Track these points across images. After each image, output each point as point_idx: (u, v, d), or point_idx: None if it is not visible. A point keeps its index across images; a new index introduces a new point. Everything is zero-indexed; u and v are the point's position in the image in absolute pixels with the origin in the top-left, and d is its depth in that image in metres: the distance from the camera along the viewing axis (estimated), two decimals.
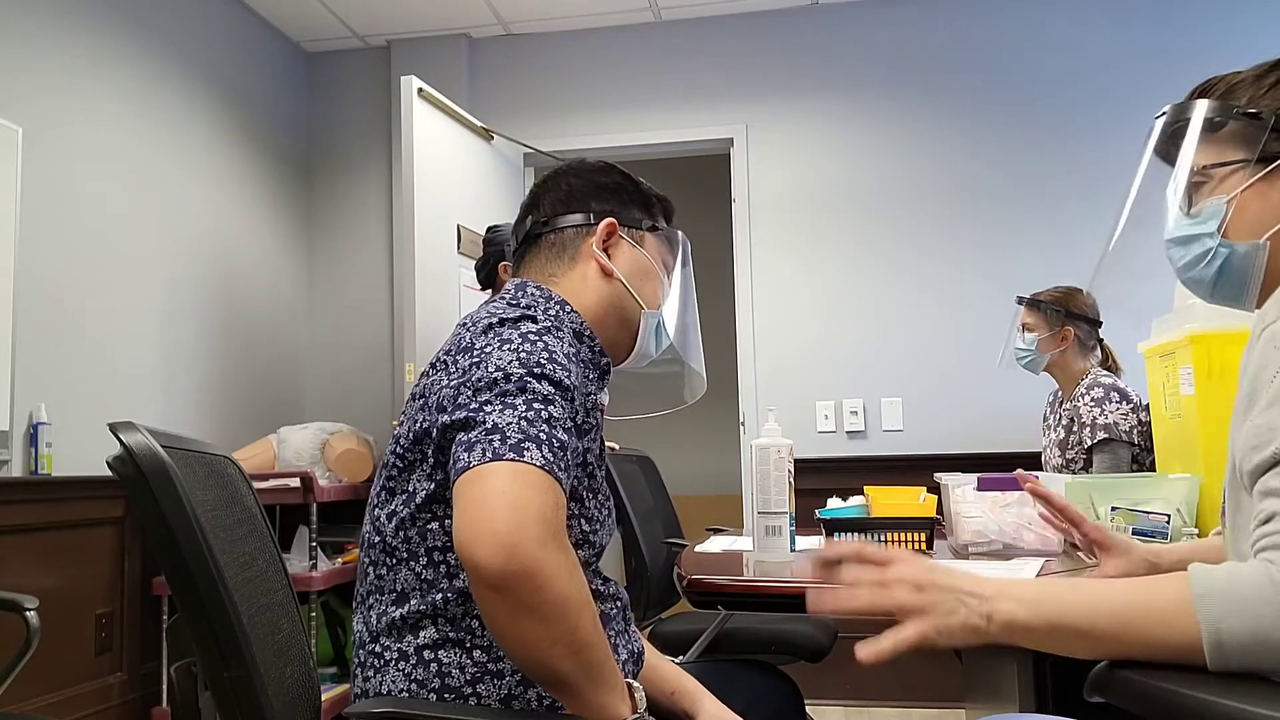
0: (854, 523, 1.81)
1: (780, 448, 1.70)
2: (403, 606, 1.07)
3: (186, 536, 0.93)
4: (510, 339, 1.06)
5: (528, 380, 1.01)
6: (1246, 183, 1.04)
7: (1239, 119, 1.04)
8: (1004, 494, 1.75)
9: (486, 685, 1.05)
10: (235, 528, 1.13)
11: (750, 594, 1.56)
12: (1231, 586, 0.81)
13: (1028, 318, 2.86)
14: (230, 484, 1.20)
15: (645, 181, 1.35)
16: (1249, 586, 0.80)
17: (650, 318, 1.29)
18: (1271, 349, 0.91)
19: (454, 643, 1.05)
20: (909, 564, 0.93)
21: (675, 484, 3.57)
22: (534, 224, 1.28)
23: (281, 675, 1.10)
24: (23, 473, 2.80)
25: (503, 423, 0.96)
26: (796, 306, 4.02)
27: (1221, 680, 0.80)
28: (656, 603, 2.70)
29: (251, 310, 3.96)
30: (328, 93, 4.43)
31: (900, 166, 4.00)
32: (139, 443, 0.94)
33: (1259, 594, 0.79)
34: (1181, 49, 3.81)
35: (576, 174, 1.31)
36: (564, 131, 4.18)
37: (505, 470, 0.93)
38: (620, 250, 1.27)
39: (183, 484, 0.95)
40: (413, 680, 1.05)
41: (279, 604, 1.20)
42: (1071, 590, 0.89)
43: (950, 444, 3.80)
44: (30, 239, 2.86)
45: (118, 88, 3.28)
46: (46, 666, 2.77)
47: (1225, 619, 0.80)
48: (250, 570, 1.12)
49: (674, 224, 1.39)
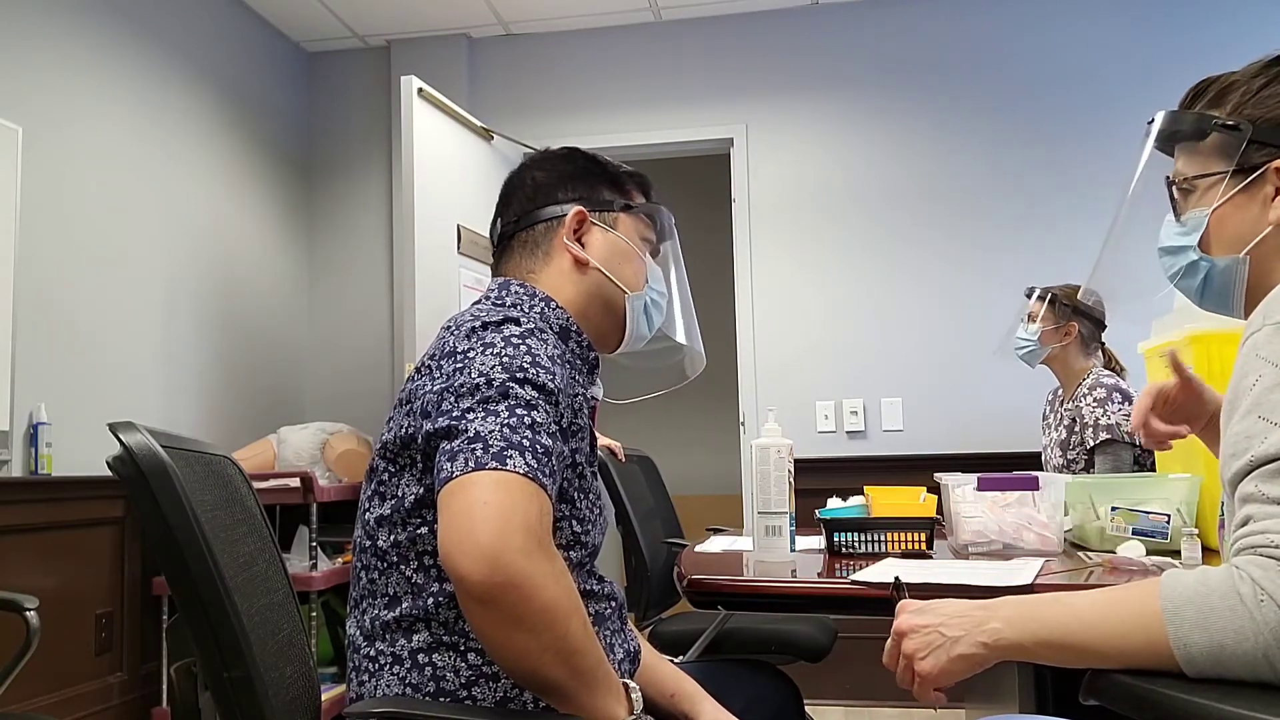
0: (854, 523, 1.81)
1: (780, 448, 1.70)
2: (395, 610, 1.07)
3: (187, 537, 0.92)
4: (493, 343, 1.05)
5: (510, 385, 1.00)
6: (1226, 196, 1.03)
7: (1219, 130, 1.03)
8: (1004, 494, 1.75)
9: (482, 688, 1.05)
10: (235, 528, 1.13)
11: (750, 594, 1.56)
12: (1197, 597, 0.82)
13: (1035, 308, 2.85)
14: (230, 484, 1.20)
15: (614, 160, 1.32)
16: (1215, 596, 0.81)
17: (636, 300, 1.27)
18: (1253, 357, 0.91)
19: (448, 646, 1.05)
20: (900, 620, 0.99)
21: (675, 484, 3.57)
22: (504, 225, 1.28)
23: (282, 675, 1.09)
24: (23, 473, 2.80)
25: (485, 431, 0.95)
26: (796, 306, 4.02)
27: (1219, 685, 0.80)
28: (656, 603, 2.70)
29: (251, 310, 3.96)
30: (328, 93, 4.43)
31: (900, 167, 4.00)
32: (139, 443, 0.94)
33: (1224, 603, 0.80)
34: (1181, 49, 3.81)
35: (540, 166, 1.29)
36: (564, 131, 4.17)
37: (488, 480, 0.92)
38: (593, 237, 1.26)
39: (183, 484, 0.95)
40: (407, 684, 1.05)
41: (279, 604, 1.19)
42: (1051, 605, 0.91)
43: (950, 444, 3.80)
44: (30, 239, 2.86)
45: (118, 88, 3.28)
46: (46, 666, 2.77)
47: (1192, 633, 0.81)
48: (250, 570, 1.12)
49: (672, 225, 1.37)
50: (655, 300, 1.31)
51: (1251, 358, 0.91)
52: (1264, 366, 0.88)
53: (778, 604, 1.62)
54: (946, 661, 0.94)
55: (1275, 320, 0.91)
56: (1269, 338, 0.90)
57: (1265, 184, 1.01)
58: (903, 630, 0.97)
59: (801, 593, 1.54)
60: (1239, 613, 0.79)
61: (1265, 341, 0.90)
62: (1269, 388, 0.87)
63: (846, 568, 1.60)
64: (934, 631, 0.95)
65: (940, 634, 0.95)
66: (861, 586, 1.43)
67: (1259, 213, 1.02)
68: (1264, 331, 0.91)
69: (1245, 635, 0.79)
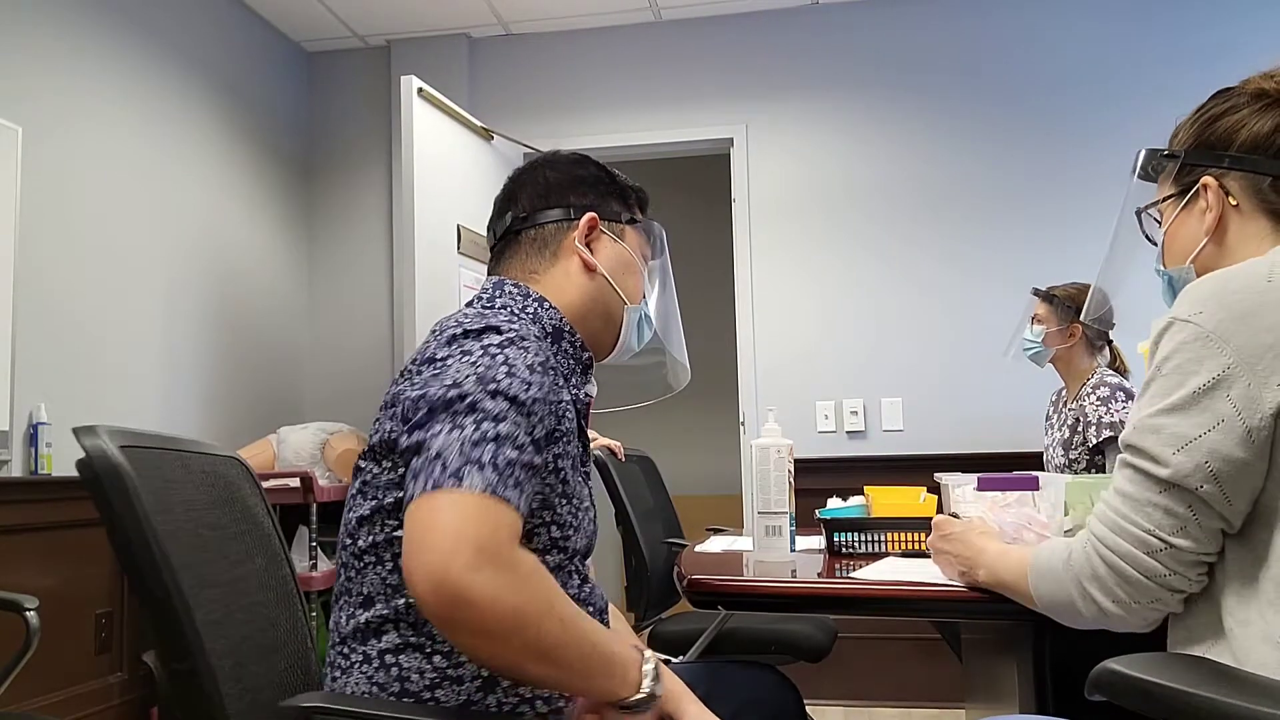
0: (854, 523, 1.81)
1: (780, 448, 1.70)
2: (368, 610, 1.08)
3: (136, 535, 0.98)
4: (471, 351, 1.05)
5: (479, 399, 1.00)
6: (1174, 214, 1.19)
7: (1163, 160, 1.20)
8: (1004, 494, 1.75)
9: (445, 690, 1.05)
10: (227, 526, 1.16)
11: (750, 594, 1.56)
12: (1041, 559, 1.13)
13: (1039, 310, 2.86)
14: (230, 485, 1.22)
15: (621, 173, 1.34)
16: (1054, 558, 1.10)
17: (633, 312, 1.28)
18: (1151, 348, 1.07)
19: (414, 647, 1.06)
20: (943, 538, 1.40)
21: (675, 484, 3.57)
22: (514, 220, 1.27)
23: (272, 669, 1.14)
24: (23, 473, 2.80)
25: (445, 448, 0.96)
26: (797, 306, 4.02)
27: (1230, 680, 0.83)
28: (656, 603, 2.70)
29: (251, 310, 3.96)
30: (328, 93, 4.43)
31: (900, 167, 4.00)
32: (93, 445, 0.99)
33: (1049, 568, 1.11)
34: (1181, 50, 3.81)
35: (553, 167, 1.30)
36: (564, 131, 4.18)
37: (442, 500, 0.93)
38: (602, 244, 1.26)
39: (137, 485, 0.99)
40: (374, 683, 1.06)
41: (276, 601, 1.21)
42: (1001, 557, 1.24)
43: (950, 444, 3.80)
44: (30, 239, 2.86)
45: (118, 88, 3.28)
46: (46, 666, 2.77)
47: (1038, 585, 1.13)
48: (243, 568, 1.15)
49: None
50: (649, 315, 1.33)
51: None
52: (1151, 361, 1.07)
53: (778, 604, 1.62)
54: (949, 574, 1.38)
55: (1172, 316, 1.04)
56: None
57: (1198, 199, 1.16)
58: (940, 547, 1.41)
59: (801, 593, 1.54)
60: (1059, 578, 1.09)
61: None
62: (1146, 382, 1.06)
63: (846, 568, 1.60)
64: (954, 557, 1.36)
65: (953, 559, 1.36)
66: (862, 586, 1.43)
67: (1196, 226, 1.16)
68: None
69: (1061, 581, 1.09)
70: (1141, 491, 1.01)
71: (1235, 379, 0.96)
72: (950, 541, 1.36)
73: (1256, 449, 0.95)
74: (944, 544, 1.38)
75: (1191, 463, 0.97)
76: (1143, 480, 1.01)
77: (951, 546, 1.36)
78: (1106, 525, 1.03)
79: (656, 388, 1.49)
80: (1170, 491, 0.98)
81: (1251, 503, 0.98)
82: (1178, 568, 0.99)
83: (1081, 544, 1.06)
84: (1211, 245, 1.14)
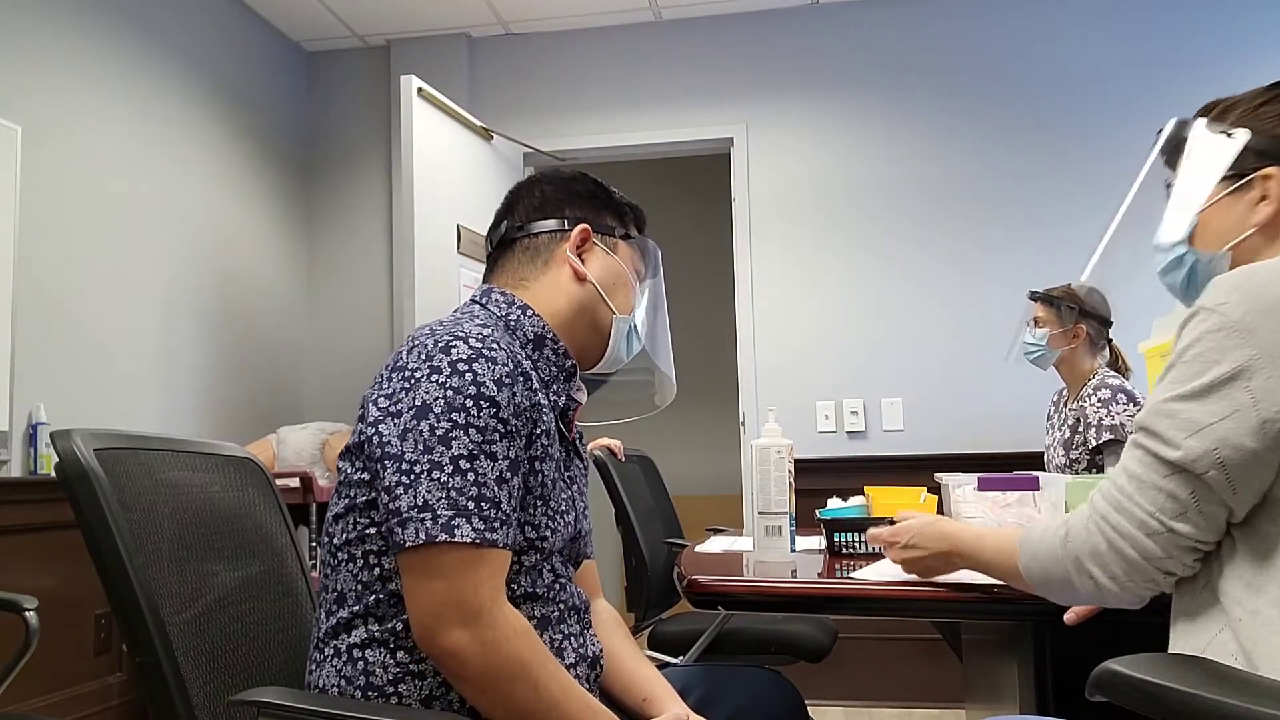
0: (854, 523, 1.81)
1: (780, 448, 1.70)
2: (342, 607, 1.11)
3: (103, 534, 1.04)
4: (440, 368, 1.06)
5: (453, 434, 1.03)
6: (1216, 196, 1.15)
7: (1223, 140, 1.14)
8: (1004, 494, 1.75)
9: (408, 685, 1.07)
10: (221, 524, 1.21)
11: (750, 594, 1.56)
12: (1033, 539, 1.14)
13: (1040, 312, 2.85)
14: (232, 483, 1.25)
15: (617, 190, 1.37)
16: (1048, 537, 1.11)
17: (622, 323, 1.30)
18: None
19: (380, 642, 1.08)
20: (890, 541, 1.40)
21: (675, 484, 3.57)
22: (509, 229, 1.30)
23: (266, 664, 1.20)
24: (22, 473, 2.80)
25: (433, 499, 1.02)
26: (796, 306, 4.02)
27: (1232, 681, 0.83)
28: (656, 603, 2.70)
29: (251, 310, 3.96)
30: (328, 93, 4.43)
31: (900, 166, 4.00)
32: (64, 448, 1.04)
33: (1043, 547, 1.12)
34: (1181, 52, 3.81)
35: (550, 181, 1.33)
36: (564, 131, 4.18)
37: (434, 558, 1.01)
38: (594, 256, 1.29)
39: (105, 486, 1.03)
40: (342, 676, 1.08)
41: (278, 597, 1.24)
42: (977, 540, 1.26)
43: (950, 444, 3.80)
44: (30, 239, 2.86)
45: (118, 88, 3.28)
46: (46, 666, 2.77)
47: (1030, 564, 1.14)
48: (235, 566, 1.20)
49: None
50: (638, 328, 1.34)
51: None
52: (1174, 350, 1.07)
53: (778, 604, 1.62)
54: (922, 575, 1.38)
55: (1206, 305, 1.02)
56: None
57: (1253, 189, 1.12)
58: (907, 556, 1.36)
59: (801, 593, 1.54)
60: (1052, 557, 1.10)
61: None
62: (1167, 367, 1.05)
63: (846, 568, 1.60)
64: (925, 554, 1.33)
65: (925, 557, 1.34)
66: (862, 586, 1.43)
67: (1244, 214, 1.12)
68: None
69: (1056, 558, 1.10)
70: (1148, 473, 1.02)
71: (1257, 370, 0.96)
72: (913, 545, 1.34)
73: (1269, 441, 0.96)
74: (908, 551, 1.34)
75: (1201, 448, 0.97)
76: (1151, 462, 1.02)
77: (919, 544, 1.33)
78: (1110, 504, 1.04)
79: (642, 403, 1.52)
80: (1176, 475, 0.99)
81: (1259, 494, 0.98)
82: (1174, 552, 1.00)
83: (1083, 521, 1.07)
84: (1258, 237, 1.12)
